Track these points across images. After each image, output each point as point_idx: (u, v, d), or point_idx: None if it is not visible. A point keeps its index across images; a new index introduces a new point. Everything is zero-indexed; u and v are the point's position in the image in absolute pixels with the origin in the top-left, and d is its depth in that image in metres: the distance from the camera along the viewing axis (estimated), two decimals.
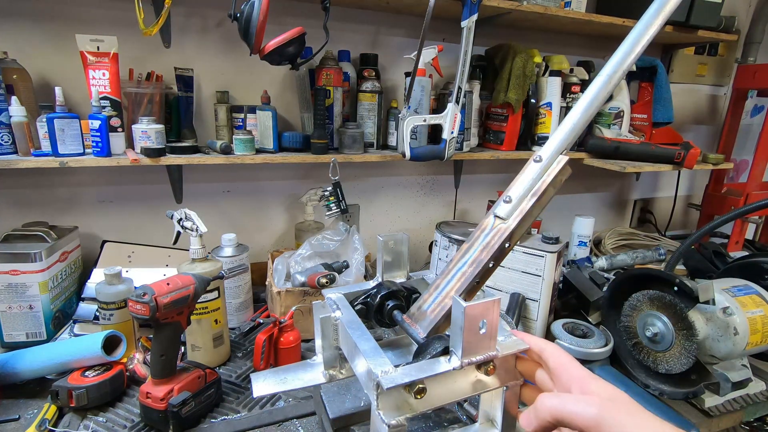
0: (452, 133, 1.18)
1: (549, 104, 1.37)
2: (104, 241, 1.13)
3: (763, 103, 2.00)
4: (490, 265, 0.49)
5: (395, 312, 0.58)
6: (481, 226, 0.51)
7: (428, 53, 1.13)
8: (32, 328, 0.92)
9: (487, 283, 1.04)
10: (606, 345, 0.83)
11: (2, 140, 0.93)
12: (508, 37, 1.42)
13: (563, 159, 0.47)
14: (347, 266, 1.05)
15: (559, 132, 0.48)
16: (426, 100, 1.22)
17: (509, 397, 0.50)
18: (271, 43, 0.97)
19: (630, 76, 1.59)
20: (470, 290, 0.50)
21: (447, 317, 0.50)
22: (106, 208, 1.16)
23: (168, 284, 0.70)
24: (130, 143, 1.05)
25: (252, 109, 1.15)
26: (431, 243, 1.24)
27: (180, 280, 0.72)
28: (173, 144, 1.05)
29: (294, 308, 0.91)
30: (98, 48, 0.96)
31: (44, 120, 0.93)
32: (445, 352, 0.47)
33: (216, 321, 0.87)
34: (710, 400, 0.82)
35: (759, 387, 0.87)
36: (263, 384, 0.60)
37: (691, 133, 1.95)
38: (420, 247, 1.55)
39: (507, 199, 0.49)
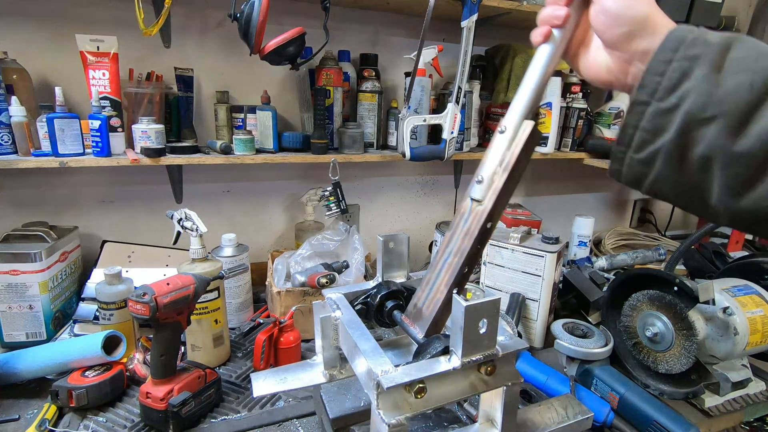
0: (452, 133, 1.18)
1: (549, 104, 1.37)
2: (104, 241, 1.13)
3: None
4: (476, 250, 0.47)
5: (395, 312, 0.58)
6: (459, 211, 0.49)
7: (428, 53, 1.13)
8: (32, 328, 0.92)
9: (487, 283, 1.04)
10: (606, 345, 0.83)
11: (2, 140, 0.93)
12: (508, 37, 1.42)
13: (529, 124, 0.44)
14: (347, 266, 1.05)
15: (521, 97, 0.45)
16: (426, 100, 1.22)
17: (509, 397, 0.50)
18: (271, 43, 0.97)
19: None
20: (460, 280, 0.49)
21: (442, 311, 0.50)
22: (106, 208, 1.16)
23: (168, 284, 0.70)
24: (130, 143, 1.05)
25: (252, 109, 1.15)
26: (431, 243, 1.24)
27: (180, 280, 0.72)
28: (173, 144, 1.05)
29: (294, 308, 0.90)
30: (98, 48, 0.96)
31: (44, 120, 0.93)
32: (445, 351, 0.47)
33: (216, 321, 0.87)
34: (710, 400, 0.82)
35: (759, 387, 0.87)
36: (263, 384, 0.60)
37: None
38: (420, 247, 1.55)
39: (479, 179, 0.47)
